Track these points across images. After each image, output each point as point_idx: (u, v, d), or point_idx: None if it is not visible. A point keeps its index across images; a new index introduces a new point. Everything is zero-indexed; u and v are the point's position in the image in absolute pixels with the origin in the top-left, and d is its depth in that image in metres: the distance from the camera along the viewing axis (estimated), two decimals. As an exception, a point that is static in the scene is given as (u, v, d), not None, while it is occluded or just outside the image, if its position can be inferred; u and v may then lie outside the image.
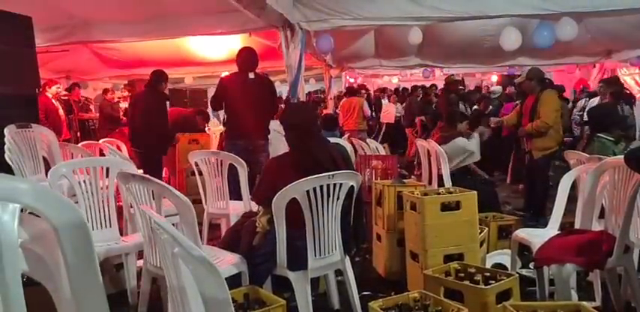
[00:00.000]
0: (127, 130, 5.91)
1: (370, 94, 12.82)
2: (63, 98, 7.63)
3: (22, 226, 1.00)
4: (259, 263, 2.56)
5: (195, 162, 3.75)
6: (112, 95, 8.33)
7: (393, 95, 13.31)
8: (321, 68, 9.26)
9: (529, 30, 6.00)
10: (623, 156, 2.31)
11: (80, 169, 3.00)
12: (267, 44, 6.13)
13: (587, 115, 5.49)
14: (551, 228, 2.99)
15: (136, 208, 2.58)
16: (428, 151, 4.61)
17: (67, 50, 6.88)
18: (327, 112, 8.90)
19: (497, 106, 8.58)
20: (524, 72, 6.28)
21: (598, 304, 2.79)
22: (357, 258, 3.64)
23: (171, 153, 5.71)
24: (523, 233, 3.02)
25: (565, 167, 3.69)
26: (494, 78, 15.94)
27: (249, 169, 3.74)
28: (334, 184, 2.47)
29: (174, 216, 2.42)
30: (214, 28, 5.36)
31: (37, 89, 5.35)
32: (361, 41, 7.73)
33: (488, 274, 2.42)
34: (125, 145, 5.51)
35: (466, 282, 2.37)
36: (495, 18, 5.22)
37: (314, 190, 2.41)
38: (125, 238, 3.03)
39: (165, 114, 5.47)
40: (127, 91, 8.73)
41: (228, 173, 3.71)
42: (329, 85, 9.69)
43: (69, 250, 0.99)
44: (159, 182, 2.40)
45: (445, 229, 2.84)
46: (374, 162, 4.53)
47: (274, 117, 4.66)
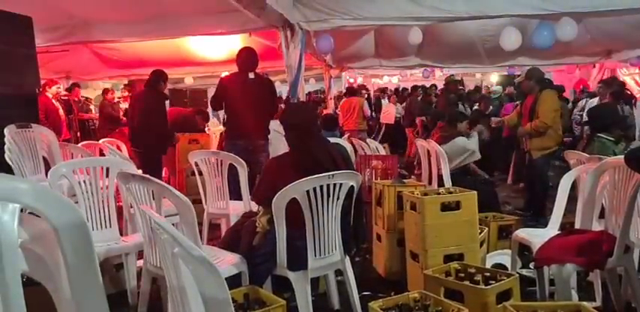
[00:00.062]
0: (127, 130, 5.91)
1: (370, 95, 12.81)
2: (63, 98, 7.63)
3: (22, 226, 1.00)
4: (259, 263, 2.56)
5: (195, 162, 3.75)
6: (112, 95, 8.35)
7: (392, 95, 13.29)
8: (321, 68, 9.25)
9: (529, 30, 6.00)
10: (623, 156, 2.32)
11: (80, 169, 3.00)
12: (267, 44, 6.12)
13: (587, 115, 5.50)
14: (552, 228, 2.99)
15: (136, 208, 2.58)
16: (428, 151, 4.61)
17: (67, 50, 6.88)
18: (327, 112, 8.89)
19: (498, 106, 8.59)
20: (524, 72, 6.28)
21: (598, 304, 2.79)
22: (357, 258, 3.64)
23: (171, 153, 5.70)
24: (523, 233, 3.03)
25: (565, 167, 3.69)
26: (493, 78, 15.94)
27: (249, 169, 3.74)
28: (334, 184, 2.47)
29: (174, 216, 2.42)
30: (214, 28, 5.36)
31: (37, 89, 5.35)
32: (361, 41, 7.72)
33: (488, 274, 2.42)
34: (125, 145, 5.51)
35: (466, 282, 2.37)
36: (495, 18, 5.21)
37: (314, 190, 2.41)
38: (125, 238, 3.03)
39: (165, 114, 5.46)
40: (127, 91, 8.74)
41: (228, 173, 3.71)
42: (329, 85, 9.67)
43: (69, 250, 0.99)
44: (159, 182, 2.40)
45: (445, 229, 2.84)
46: (374, 162, 4.53)
47: (274, 117, 4.66)
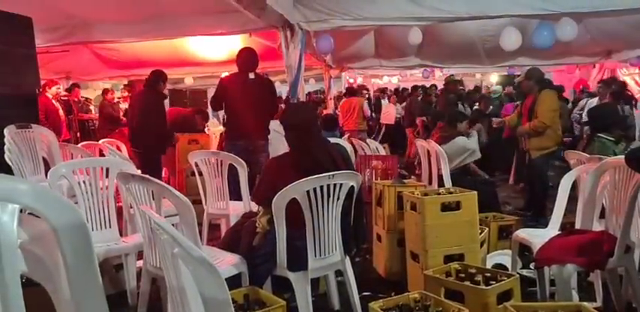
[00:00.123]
0: (127, 131, 5.91)
1: (370, 95, 12.81)
2: (63, 99, 7.64)
3: (21, 226, 1.00)
4: (259, 264, 2.56)
5: (195, 162, 3.75)
6: (111, 95, 8.34)
7: (392, 96, 13.28)
8: (321, 68, 9.25)
9: (529, 30, 6.00)
10: (623, 156, 2.31)
11: (80, 170, 3.00)
12: (267, 44, 6.12)
13: (587, 115, 5.50)
14: (552, 228, 2.99)
15: (136, 209, 2.57)
16: (428, 152, 4.61)
17: (67, 51, 6.87)
18: (327, 112, 8.88)
19: (498, 106, 8.59)
20: (524, 72, 6.28)
21: (599, 304, 2.78)
22: (357, 258, 3.64)
23: (171, 153, 5.70)
24: (523, 233, 3.02)
25: (565, 167, 3.68)
26: (493, 78, 15.93)
27: (249, 170, 3.74)
28: (334, 185, 2.46)
29: (174, 216, 2.42)
30: (214, 28, 5.36)
31: (37, 90, 5.35)
32: (361, 41, 7.73)
33: (488, 275, 2.42)
34: (125, 146, 5.51)
35: (467, 282, 2.36)
36: (495, 18, 5.21)
37: (314, 190, 2.41)
38: (125, 239, 3.03)
39: (164, 114, 5.45)
40: (126, 92, 8.73)
41: (228, 173, 3.70)
42: (329, 86, 9.67)
43: (68, 250, 0.99)
44: (159, 182, 2.39)
45: (445, 230, 2.84)
46: (374, 162, 4.53)
47: (274, 117, 4.66)
